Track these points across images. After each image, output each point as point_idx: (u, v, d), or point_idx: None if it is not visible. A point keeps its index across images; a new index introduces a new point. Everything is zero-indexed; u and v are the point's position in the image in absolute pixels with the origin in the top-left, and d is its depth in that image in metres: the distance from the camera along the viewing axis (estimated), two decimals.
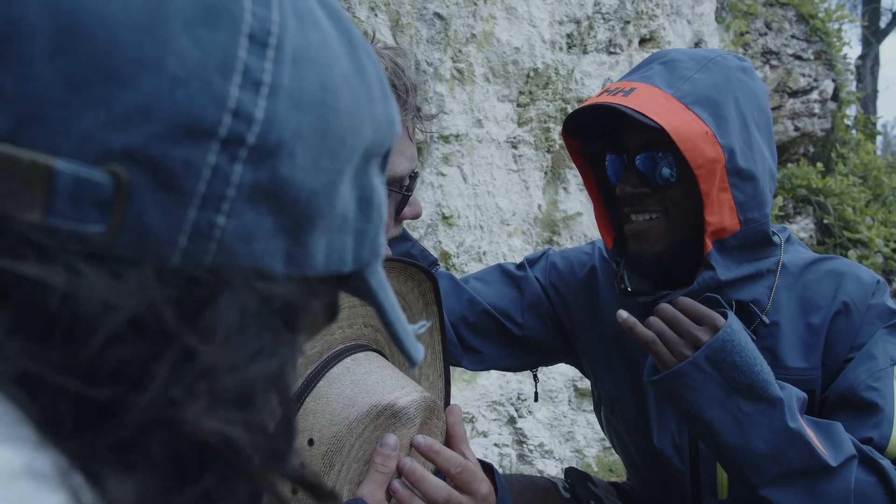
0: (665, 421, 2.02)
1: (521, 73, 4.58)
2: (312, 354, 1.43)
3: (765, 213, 1.88)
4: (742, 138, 1.81)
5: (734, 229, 1.81)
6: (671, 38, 6.10)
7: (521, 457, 4.60)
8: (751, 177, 1.82)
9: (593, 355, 2.20)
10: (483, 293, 2.19)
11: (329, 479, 1.34)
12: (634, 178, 1.86)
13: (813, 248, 8.00)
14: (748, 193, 1.82)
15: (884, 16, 18.34)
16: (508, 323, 2.18)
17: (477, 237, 4.39)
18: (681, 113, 1.77)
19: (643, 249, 1.88)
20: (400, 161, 1.52)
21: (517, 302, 2.21)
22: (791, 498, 1.69)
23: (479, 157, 4.41)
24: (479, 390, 4.41)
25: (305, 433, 1.36)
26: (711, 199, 1.78)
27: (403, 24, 3.67)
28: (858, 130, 10.67)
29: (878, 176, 9.75)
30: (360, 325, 1.53)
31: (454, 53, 4.13)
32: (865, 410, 1.80)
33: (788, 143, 9.08)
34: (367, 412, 1.36)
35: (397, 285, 1.56)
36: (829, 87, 9.23)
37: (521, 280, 2.24)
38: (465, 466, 1.40)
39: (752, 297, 1.90)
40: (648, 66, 1.92)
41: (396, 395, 1.40)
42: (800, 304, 1.93)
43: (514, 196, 4.70)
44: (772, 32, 8.73)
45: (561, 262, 2.26)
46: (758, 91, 1.90)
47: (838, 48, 9.56)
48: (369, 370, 1.45)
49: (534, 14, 4.60)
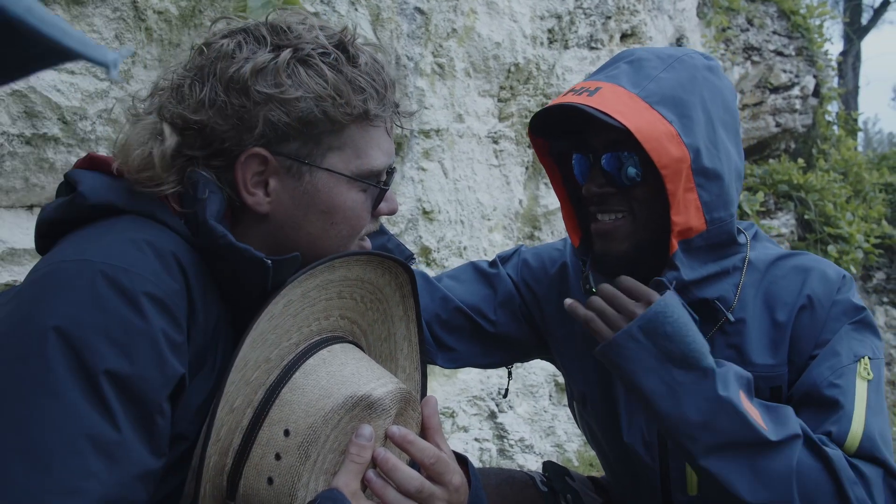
0: (634, 417, 2.04)
1: (502, 68, 4.58)
2: (289, 346, 1.44)
3: (731, 213, 1.88)
4: (708, 137, 1.82)
5: (700, 229, 1.82)
6: (652, 33, 6.12)
7: (501, 451, 4.61)
8: (717, 176, 1.82)
9: (564, 351, 2.21)
10: (456, 291, 2.21)
11: (305, 469, 1.35)
12: (600, 177, 1.87)
13: (794, 243, 8.05)
14: (714, 193, 1.83)
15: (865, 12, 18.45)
16: (481, 320, 2.19)
17: (458, 232, 4.39)
18: (645, 113, 1.77)
19: (609, 249, 1.90)
20: (377, 155, 1.52)
21: (490, 299, 2.22)
22: (729, 470, 1.72)
23: (460, 152, 4.41)
24: (460, 385, 4.41)
25: (281, 424, 1.37)
26: (678, 198, 1.79)
27: (384, 18, 3.67)
28: (839, 126, 10.73)
29: (858, 172, 9.82)
30: (336, 317, 1.53)
31: (435, 48, 4.13)
32: (827, 407, 1.81)
33: (770, 138, 9.12)
34: (342, 403, 1.37)
35: (375, 278, 1.57)
36: (811, 84, 9.28)
37: (493, 277, 2.25)
38: (438, 457, 1.42)
39: (718, 294, 1.91)
40: (615, 65, 1.92)
41: (372, 387, 1.41)
42: (766, 301, 1.94)
43: (495, 191, 4.70)
44: (753, 28, 8.77)
45: (533, 259, 2.27)
46: (724, 90, 1.90)
47: (820, 44, 9.62)
48: (345, 361, 1.46)
49: (515, 9, 4.61)
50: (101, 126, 2.53)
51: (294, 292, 1.42)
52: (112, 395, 1.18)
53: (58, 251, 1.33)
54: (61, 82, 2.40)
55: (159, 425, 1.25)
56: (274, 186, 1.46)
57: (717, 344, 1.94)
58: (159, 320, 1.25)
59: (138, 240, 1.31)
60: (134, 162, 1.39)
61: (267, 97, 1.39)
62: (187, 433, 1.35)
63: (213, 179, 1.43)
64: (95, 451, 1.15)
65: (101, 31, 2.46)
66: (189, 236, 1.39)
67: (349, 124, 1.47)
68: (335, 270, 1.48)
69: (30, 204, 2.55)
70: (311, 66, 1.42)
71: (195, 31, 2.75)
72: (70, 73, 2.42)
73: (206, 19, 2.77)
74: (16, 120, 2.34)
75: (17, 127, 2.34)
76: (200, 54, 1.46)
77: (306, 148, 1.45)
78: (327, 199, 1.48)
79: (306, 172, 1.46)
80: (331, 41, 1.47)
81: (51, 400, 1.14)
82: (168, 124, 1.42)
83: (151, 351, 1.23)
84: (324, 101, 1.42)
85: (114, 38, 2.50)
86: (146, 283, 1.25)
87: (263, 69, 1.40)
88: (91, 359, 1.17)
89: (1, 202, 2.46)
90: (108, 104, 2.53)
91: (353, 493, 1.34)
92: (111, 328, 1.20)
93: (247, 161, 1.43)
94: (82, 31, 0.63)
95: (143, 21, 2.57)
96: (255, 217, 1.48)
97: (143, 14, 2.56)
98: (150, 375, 1.23)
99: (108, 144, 2.56)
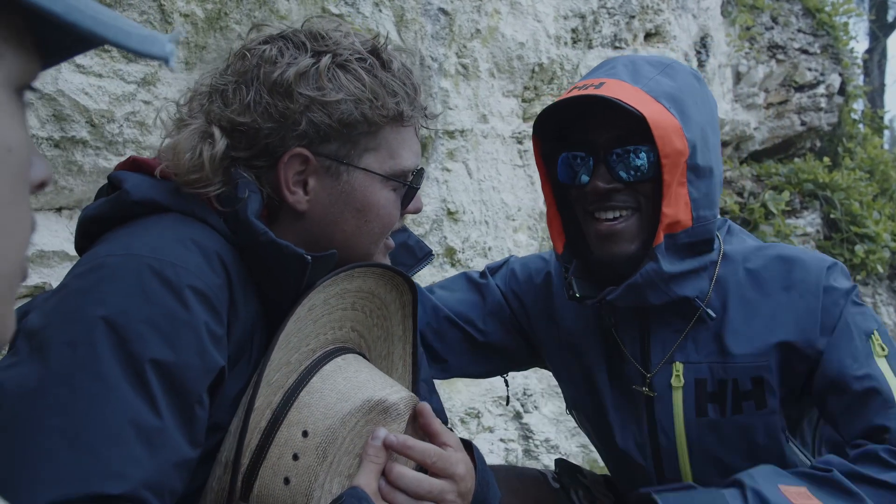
0: (625, 422, 2.07)
1: (526, 68, 4.57)
2: (307, 350, 1.49)
3: (714, 213, 1.92)
4: (701, 137, 1.85)
5: (686, 225, 1.85)
6: (676, 32, 6.09)
7: (527, 452, 4.60)
8: (707, 174, 1.87)
9: (554, 359, 2.24)
10: (446, 301, 2.24)
11: (322, 469, 1.39)
12: (607, 173, 1.87)
13: (819, 242, 7.97)
14: (702, 191, 1.86)
15: (891, 9, 18.28)
16: (471, 329, 2.22)
17: (482, 233, 4.38)
18: (653, 104, 1.81)
19: (615, 251, 1.89)
20: (408, 156, 1.59)
21: (478, 308, 2.24)
22: None
23: (484, 153, 4.40)
24: (485, 385, 4.40)
25: (300, 425, 1.41)
26: (672, 191, 1.82)
27: (408, 19, 3.67)
28: (865, 125, 10.63)
29: (885, 170, 9.71)
30: (348, 329, 1.59)
31: (459, 49, 4.13)
32: (867, 399, 1.83)
33: (795, 137, 9.05)
34: (360, 406, 1.42)
35: (384, 293, 1.62)
36: (836, 82, 9.19)
37: (482, 287, 2.28)
38: (439, 455, 1.49)
39: (697, 291, 1.94)
40: (610, 65, 1.96)
41: (387, 392, 1.47)
42: (748, 291, 1.96)
43: (520, 191, 4.69)
44: (778, 26, 8.70)
45: (520, 269, 2.29)
46: (710, 99, 1.96)
47: (845, 42, 9.52)
48: (359, 369, 1.51)
49: (538, 9, 4.59)
50: (129, 128, 2.54)
51: (318, 297, 1.47)
52: (156, 382, 1.23)
53: (102, 247, 1.37)
54: (89, 85, 2.41)
55: (198, 415, 1.30)
56: (313, 185, 1.52)
57: (700, 338, 1.97)
58: (203, 313, 1.31)
59: (183, 236, 1.37)
60: (184, 165, 1.44)
61: (310, 100, 1.45)
62: (224, 423, 1.41)
63: (252, 179, 1.48)
64: (138, 437, 1.19)
65: None
66: (228, 234, 1.45)
67: (384, 126, 1.53)
68: (353, 280, 1.53)
69: (59, 206, 2.57)
70: (349, 71, 1.48)
71: (221, 34, 2.76)
72: (98, 76, 2.43)
73: (232, 22, 2.78)
74: (45, 123, 2.36)
75: (46, 130, 2.36)
76: (242, 59, 1.52)
77: (345, 148, 1.51)
78: (362, 198, 1.54)
79: (344, 172, 1.52)
80: (365, 47, 1.53)
81: (98, 386, 1.19)
82: (217, 127, 1.47)
83: (195, 341, 1.29)
84: (362, 104, 1.48)
85: None
86: (191, 276, 1.31)
87: (306, 73, 1.46)
88: (137, 348, 1.22)
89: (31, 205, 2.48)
90: (135, 107, 2.54)
91: (373, 492, 1.39)
92: (157, 319, 1.25)
93: (289, 161, 1.49)
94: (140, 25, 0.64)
95: (169, 24, 2.58)
96: (293, 215, 1.54)
97: (170, 17, 2.57)
98: (192, 365, 1.28)
99: (136, 147, 2.58)
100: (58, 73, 2.35)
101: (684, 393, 1.97)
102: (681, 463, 2.01)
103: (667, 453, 2.01)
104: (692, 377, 1.97)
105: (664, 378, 2.00)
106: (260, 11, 2.86)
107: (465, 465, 1.52)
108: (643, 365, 2.02)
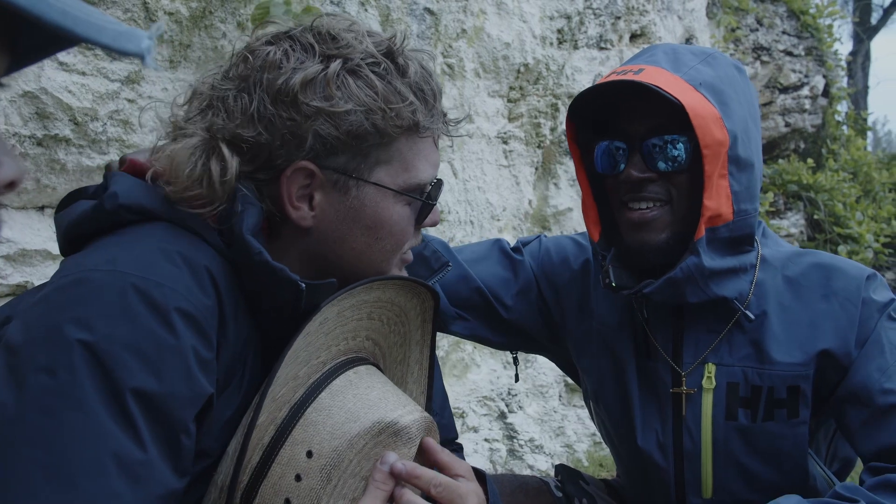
0: (649, 420, 2.02)
1: (512, 68, 4.58)
2: (317, 364, 1.41)
3: (755, 207, 1.88)
4: (742, 128, 1.81)
5: (728, 218, 1.81)
6: (662, 33, 6.10)
7: (511, 452, 4.60)
8: (748, 166, 1.82)
9: (581, 349, 2.19)
10: (478, 269, 2.17)
11: (325, 492, 1.33)
12: (641, 163, 1.84)
13: (803, 243, 8.02)
14: (743, 184, 1.82)
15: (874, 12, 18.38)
16: (497, 304, 2.17)
17: (467, 232, 4.38)
18: (692, 93, 1.76)
19: (646, 239, 1.86)
20: (424, 168, 1.49)
21: (510, 285, 2.19)
22: None
23: (470, 153, 4.40)
24: (470, 385, 4.41)
25: (304, 444, 1.34)
26: (713, 183, 1.77)
27: (393, 19, 3.66)
28: (849, 126, 10.70)
29: (868, 172, 9.78)
30: (362, 338, 1.51)
31: (444, 49, 4.13)
32: (889, 415, 1.79)
33: (779, 138, 9.09)
34: (369, 428, 1.35)
35: (403, 301, 1.54)
36: (820, 84, 9.24)
37: (517, 265, 2.21)
38: (445, 485, 1.39)
39: (736, 292, 1.89)
40: (650, 52, 1.92)
41: (399, 413, 1.39)
42: (788, 297, 1.93)
43: (505, 191, 4.70)
44: (763, 28, 8.74)
45: (555, 251, 2.24)
46: (752, 91, 1.91)
47: (829, 44, 9.58)
48: (371, 385, 1.43)
49: (524, 9, 4.60)
50: (113, 127, 2.53)
51: (331, 311, 1.39)
52: (139, 413, 1.16)
53: (88, 257, 1.29)
54: (72, 83, 2.40)
55: (185, 445, 1.23)
56: (319, 201, 1.42)
57: (735, 341, 1.93)
58: (190, 337, 1.22)
59: (171, 251, 1.28)
60: (182, 180, 1.35)
61: (317, 110, 1.35)
62: (211, 450, 1.33)
63: (251, 192, 1.38)
64: (120, 470, 1.13)
65: None
66: (223, 248, 1.36)
67: (398, 137, 1.43)
68: (371, 291, 1.45)
69: (41, 205, 2.55)
70: (360, 77, 1.38)
71: (206, 33, 2.75)
72: (81, 74, 2.42)
73: (217, 20, 2.77)
74: (27, 121, 2.34)
75: (29, 128, 2.35)
76: (244, 62, 1.42)
77: (354, 161, 1.41)
78: (373, 214, 1.44)
79: (353, 187, 1.42)
80: (379, 49, 1.43)
81: (77, 416, 1.13)
82: (226, 144, 1.37)
83: (181, 368, 1.21)
84: (374, 114, 1.38)
85: None
86: (178, 298, 1.22)
87: (313, 81, 1.36)
88: (119, 375, 1.15)
89: (12, 203, 2.46)
90: (119, 105, 2.53)
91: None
92: (141, 344, 1.18)
93: (293, 175, 1.39)
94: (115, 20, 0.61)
95: (153, 22, 2.57)
96: (297, 231, 1.45)
97: (154, 15, 2.56)
98: (178, 393, 1.20)
99: (119, 145, 2.56)
100: (41, 71, 2.33)
101: (715, 396, 1.93)
102: (703, 466, 1.97)
103: (689, 456, 1.97)
104: (724, 380, 1.93)
105: (695, 379, 1.95)
106: (245, 10, 2.85)
107: (476, 498, 1.44)
108: (675, 363, 1.98)
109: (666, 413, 2.00)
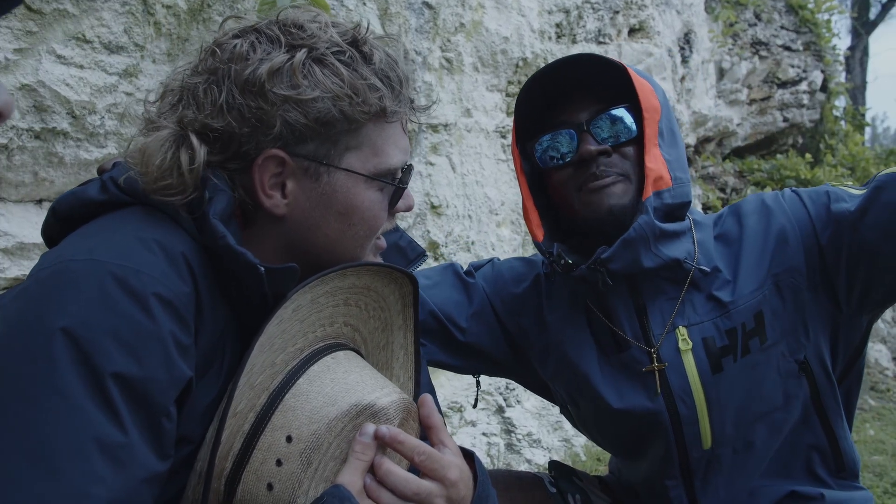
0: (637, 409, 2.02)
1: (510, 62, 4.57)
2: (294, 351, 1.43)
3: (687, 178, 1.98)
4: (666, 105, 1.97)
5: (668, 183, 1.91)
6: (660, 27, 6.10)
7: (509, 446, 4.61)
8: (675, 142, 1.96)
9: (544, 361, 2.20)
10: (431, 294, 2.21)
11: (306, 476, 1.34)
12: (593, 140, 1.93)
13: None
14: (673, 155, 1.94)
15: (873, 7, 18.36)
16: (452, 327, 2.19)
17: (465, 227, 4.38)
18: (629, 70, 1.94)
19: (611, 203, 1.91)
20: (394, 153, 1.51)
21: (463, 307, 2.22)
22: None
23: (468, 147, 4.40)
24: (468, 379, 4.41)
25: (284, 429, 1.36)
26: (653, 145, 1.90)
27: (392, 13, 3.66)
28: (847, 121, 10.71)
29: (866, 167, 9.79)
30: (340, 324, 1.52)
31: (443, 43, 4.12)
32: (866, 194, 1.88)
33: (777, 133, 9.10)
34: (347, 410, 1.37)
35: (381, 287, 1.56)
36: (818, 79, 9.25)
37: (469, 287, 2.25)
38: (428, 454, 1.40)
39: (685, 252, 1.97)
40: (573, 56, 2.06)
41: (377, 395, 1.40)
42: (722, 249, 2.04)
43: (503, 186, 4.70)
44: (761, 23, 8.73)
45: (507, 272, 2.27)
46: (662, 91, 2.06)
47: (827, 39, 9.58)
48: (349, 369, 1.44)
49: (523, 3, 4.59)
50: (110, 120, 2.53)
51: (304, 297, 1.41)
52: (119, 397, 1.17)
53: (65, 248, 1.31)
54: (70, 77, 2.40)
55: (166, 428, 1.24)
56: (291, 188, 1.44)
57: (696, 301, 1.99)
58: (168, 322, 1.24)
59: (147, 240, 1.30)
60: (153, 171, 1.37)
61: (284, 98, 1.37)
62: (192, 435, 1.34)
63: (223, 181, 1.41)
64: (102, 454, 1.14)
65: (109, 25, 2.46)
66: (198, 236, 1.38)
67: (366, 122, 1.45)
68: (346, 278, 1.47)
69: (39, 198, 2.55)
70: (326, 66, 1.41)
71: (203, 26, 2.75)
72: (79, 67, 2.42)
73: (215, 14, 2.77)
74: (25, 114, 2.34)
75: (27, 121, 2.34)
76: (213, 56, 1.44)
77: (324, 148, 1.43)
78: (345, 200, 1.47)
79: (324, 173, 1.44)
80: (344, 38, 1.45)
81: (58, 402, 1.14)
82: (195, 134, 1.39)
83: (160, 353, 1.22)
84: (341, 101, 1.40)
85: (122, 31, 2.50)
86: (156, 284, 1.24)
87: (279, 70, 1.38)
88: (99, 361, 1.16)
89: (10, 196, 2.46)
90: (116, 98, 2.52)
91: (358, 490, 1.33)
92: (120, 329, 1.19)
93: (264, 163, 1.41)
94: None
95: (151, 15, 2.57)
96: (271, 219, 1.47)
97: (152, 8, 2.56)
98: (158, 377, 1.22)
99: (118, 139, 2.56)
100: (38, 64, 2.33)
101: (695, 355, 1.96)
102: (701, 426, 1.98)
103: (687, 420, 1.98)
104: (698, 336, 1.97)
105: (670, 346, 1.98)
106: (242, 3, 2.85)
107: (458, 471, 1.43)
108: (645, 341, 2.01)
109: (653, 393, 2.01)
